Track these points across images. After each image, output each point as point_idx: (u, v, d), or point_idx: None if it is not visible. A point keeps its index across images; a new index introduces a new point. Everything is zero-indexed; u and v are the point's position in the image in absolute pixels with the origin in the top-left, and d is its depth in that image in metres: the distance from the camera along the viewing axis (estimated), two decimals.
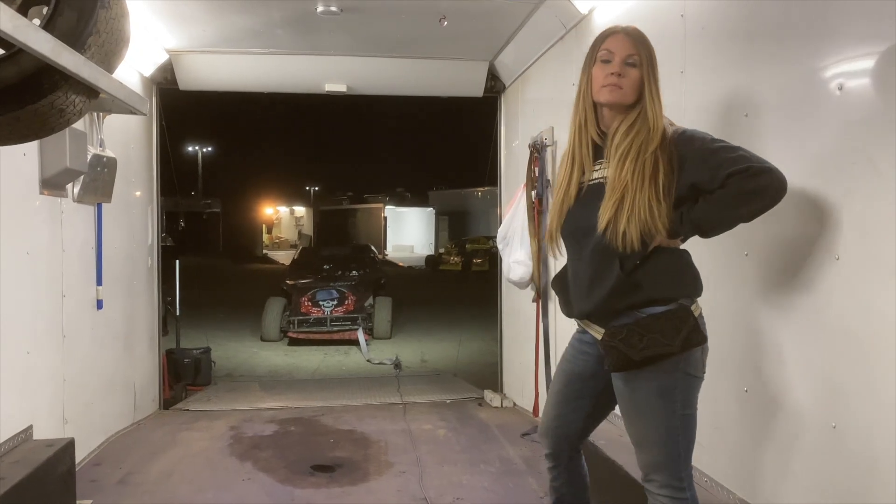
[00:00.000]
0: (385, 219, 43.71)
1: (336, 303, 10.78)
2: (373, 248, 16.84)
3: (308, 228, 51.55)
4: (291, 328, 10.56)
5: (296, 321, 10.54)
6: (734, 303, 2.65)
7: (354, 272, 12.58)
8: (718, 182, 1.99)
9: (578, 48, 4.31)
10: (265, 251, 42.57)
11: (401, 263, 32.91)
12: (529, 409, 5.48)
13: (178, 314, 7.16)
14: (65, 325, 4.04)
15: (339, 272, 12.48)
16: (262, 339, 10.65)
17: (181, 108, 7.79)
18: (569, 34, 4.53)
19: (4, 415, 3.26)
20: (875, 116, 2.01)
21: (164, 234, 6.74)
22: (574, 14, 4.31)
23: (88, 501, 3.74)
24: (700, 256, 2.22)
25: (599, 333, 2.17)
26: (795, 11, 2.36)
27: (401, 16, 4.93)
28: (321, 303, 10.76)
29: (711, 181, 2.01)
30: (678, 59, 3.01)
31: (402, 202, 50.03)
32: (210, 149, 45.78)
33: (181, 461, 4.50)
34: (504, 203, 6.21)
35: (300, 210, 54.91)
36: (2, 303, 3.27)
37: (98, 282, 4.56)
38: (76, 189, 4.18)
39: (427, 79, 6.20)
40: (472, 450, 4.72)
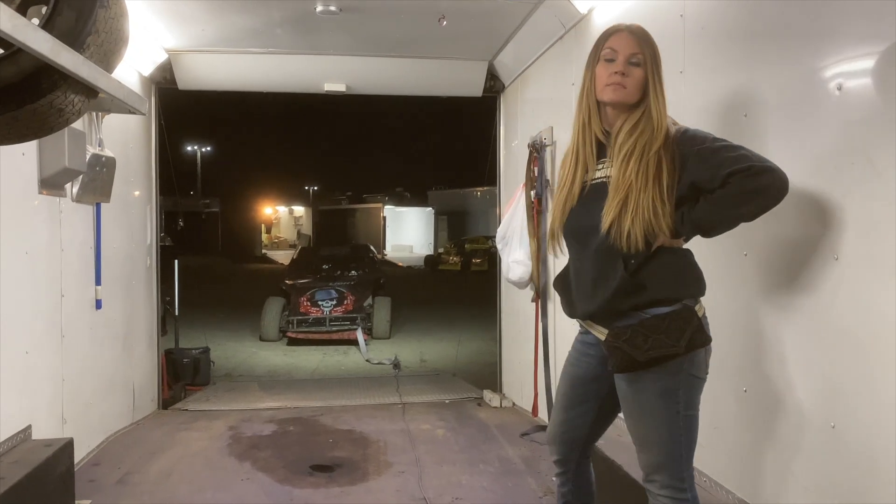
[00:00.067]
0: (384, 218, 43.73)
1: (335, 303, 10.78)
2: (372, 248, 16.81)
3: (307, 228, 51.59)
4: (290, 328, 10.55)
5: (295, 321, 10.53)
6: (733, 303, 2.65)
7: (353, 272, 12.57)
8: (719, 181, 1.97)
9: (578, 48, 4.31)
10: (264, 251, 42.62)
11: (400, 263, 32.91)
12: (529, 409, 5.48)
13: (177, 314, 7.16)
14: (64, 325, 4.03)
15: (338, 272, 12.47)
16: (261, 339, 10.65)
17: (180, 108, 7.79)
18: (568, 34, 4.53)
19: (3, 414, 3.25)
20: (874, 116, 2.01)
21: (163, 234, 6.73)
22: (573, 14, 4.31)
23: (87, 501, 3.74)
24: (699, 256, 2.22)
25: (602, 334, 2.16)
26: (795, 11, 2.36)
27: (400, 15, 4.93)
28: (320, 303, 10.75)
29: (712, 180, 1.99)
30: (677, 59, 3.01)
31: (402, 202, 50.04)
32: (209, 148, 45.75)
33: (180, 461, 4.50)
34: (503, 203, 6.21)
35: (299, 210, 54.91)
36: (1, 303, 3.27)
37: (97, 282, 4.56)
38: (75, 189, 4.18)
39: (426, 78, 6.20)
40: (472, 450, 4.72)
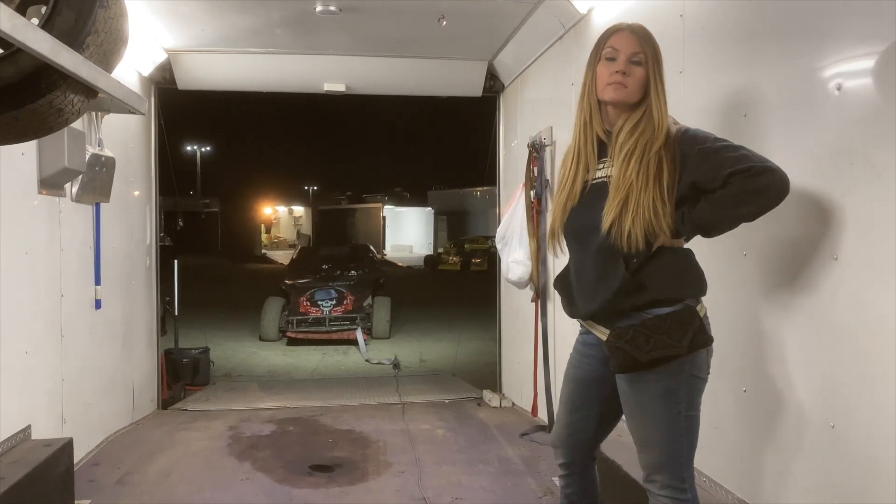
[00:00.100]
0: (384, 218, 43.72)
1: (335, 303, 10.78)
2: (371, 248, 16.82)
3: (307, 228, 51.57)
4: (290, 328, 10.55)
5: (294, 321, 10.53)
6: (733, 303, 2.65)
7: (353, 272, 12.57)
8: (720, 181, 1.97)
9: (577, 48, 4.31)
10: (264, 251, 42.60)
11: (399, 263, 32.90)
12: (528, 409, 5.48)
13: (177, 314, 7.16)
14: (63, 325, 4.03)
15: (338, 272, 12.47)
16: (261, 339, 10.65)
17: (180, 108, 7.79)
18: (568, 34, 4.53)
19: (3, 414, 3.25)
20: (873, 116, 2.01)
21: (163, 234, 6.73)
22: (573, 14, 4.31)
23: (87, 501, 3.73)
24: (699, 256, 2.21)
25: (604, 334, 2.15)
26: (794, 11, 2.36)
27: (400, 15, 4.93)
28: (320, 302, 10.75)
29: (713, 180, 1.99)
30: (677, 59, 3.01)
31: (401, 202, 50.04)
32: (209, 148, 45.79)
33: (179, 461, 4.50)
34: (503, 203, 6.21)
35: (299, 210, 54.90)
36: (0, 302, 3.27)
37: (96, 281, 4.55)
38: (74, 189, 4.18)
39: (426, 78, 6.20)
40: (471, 450, 4.72)
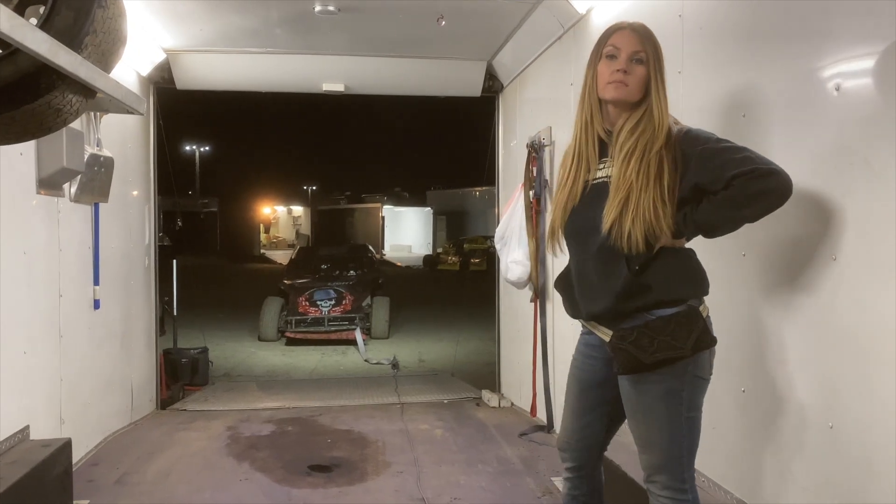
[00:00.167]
0: (383, 218, 43.72)
1: (334, 303, 10.77)
2: (370, 248, 16.81)
3: (306, 228, 51.57)
4: (289, 328, 10.54)
5: (293, 321, 10.53)
6: (732, 303, 2.65)
7: (352, 272, 12.56)
8: (722, 183, 1.96)
9: (576, 48, 4.31)
10: (262, 251, 42.58)
11: (398, 263, 32.90)
12: (527, 409, 5.48)
13: (176, 314, 7.15)
14: (62, 325, 4.03)
15: (337, 272, 12.47)
16: (260, 339, 10.65)
17: (178, 108, 7.78)
18: (567, 34, 4.53)
19: (1, 415, 3.25)
20: (872, 117, 2.01)
21: (162, 234, 6.72)
22: (572, 14, 4.31)
23: (86, 502, 3.73)
24: (698, 256, 2.21)
25: (606, 335, 2.14)
26: (792, 12, 2.36)
27: (399, 15, 4.93)
28: (319, 303, 10.75)
29: (715, 182, 1.98)
30: (676, 59, 3.00)
31: (400, 202, 50.05)
32: (207, 148, 45.77)
33: (178, 461, 4.49)
34: (502, 203, 6.21)
35: (298, 210, 54.89)
36: None
37: (95, 281, 4.55)
38: (73, 189, 4.17)
39: (425, 78, 6.20)
40: (470, 450, 4.72)
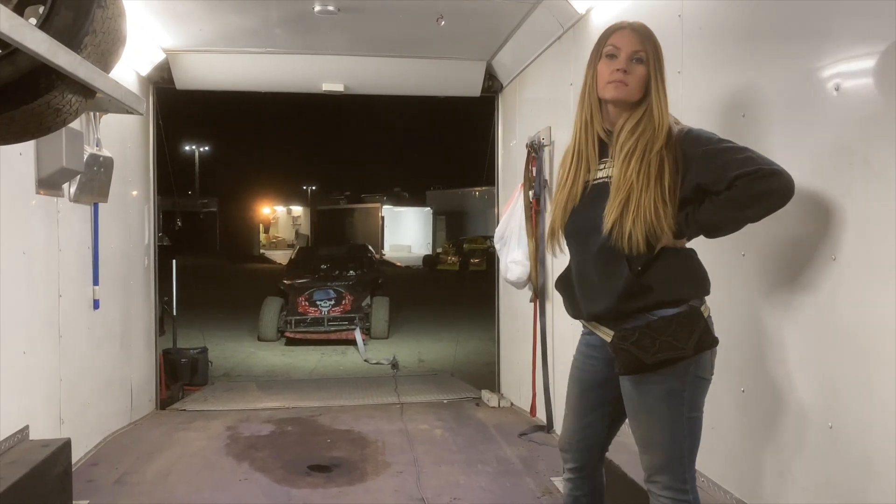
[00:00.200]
0: (382, 218, 43.70)
1: (333, 303, 10.77)
2: (370, 248, 16.80)
3: (305, 228, 51.55)
4: (289, 328, 10.54)
5: (293, 321, 10.53)
6: (731, 303, 2.65)
7: (352, 272, 12.56)
8: (725, 183, 1.95)
9: (576, 48, 4.31)
10: (262, 251, 42.56)
11: (398, 263, 32.89)
12: (527, 409, 5.48)
13: (175, 314, 7.15)
14: (61, 325, 4.03)
15: (337, 272, 12.46)
16: (260, 339, 10.64)
17: (178, 108, 7.78)
18: (566, 34, 4.53)
19: (1, 415, 3.25)
20: (872, 117, 2.01)
21: (161, 234, 6.71)
22: (572, 14, 4.31)
23: (85, 502, 3.73)
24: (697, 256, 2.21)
25: (608, 335, 2.13)
26: (792, 12, 2.36)
27: (398, 15, 4.93)
28: (318, 303, 10.74)
29: (718, 182, 1.97)
30: (675, 59, 3.00)
31: (400, 202, 50.03)
32: (207, 148, 45.77)
33: (178, 461, 4.49)
34: (501, 203, 6.21)
35: (297, 210, 54.88)
36: None
37: (95, 281, 4.55)
38: (72, 189, 4.17)
39: (424, 78, 6.19)
40: (470, 450, 4.72)
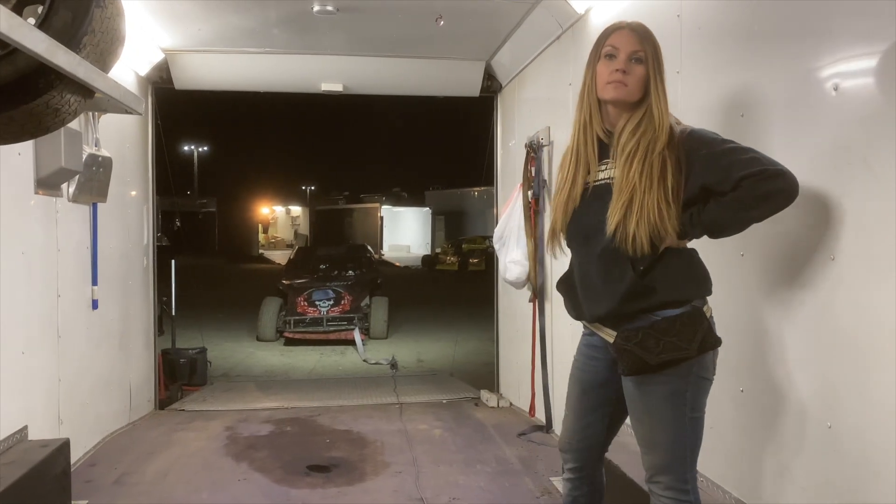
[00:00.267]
0: (381, 218, 43.67)
1: (332, 303, 10.77)
2: (369, 248, 16.79)
3: (304, 228, 51.51)
4: (288, 328, 10.54)
5: (292, 321, 10.53)
6: (730, 303, 2.65)
7: (351, 272, 12.56)
8: (731, 184, 1.95)
9: (575, 48, 4.31)
10: (261, 251, 42.53)
11: (397, 263, 32.89)
12: (526, 409, 5.48)
13: (174, 314, 7.15)
14: (60, 325, 4.02)
15: (336, 272, 12.46)
16: (259, 339, 10.64)
17: (177, 108, 7.77)
18: (565, 34, 4.53)
19: (0, 415, 3.24)
20: (871, 117, 2.01)
21: (160, 234, 6.73)
22: (570, 14, 4.31)
23: (84, 502, 3.73)
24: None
25: (610, 336, 2.13)
26: (791, 12, 2.36)
27: (397, 15, 4.93)
28: (317, 303, 10.74)
29: (723, 182, 1.97)
30: (674, 60, 3.00)
31: (399, 202, 49.99)
32: (206, 148, 45.80)
33: (177, 461, 4.49)
34: (500, 203, 6.21)
35: (296, 210, 54.84)
36: None
37: (93, 282, 4.55)
38: (71, 189, 4.17)
39: (423, 78, 6.19)
40: (469, 450, 4.72)
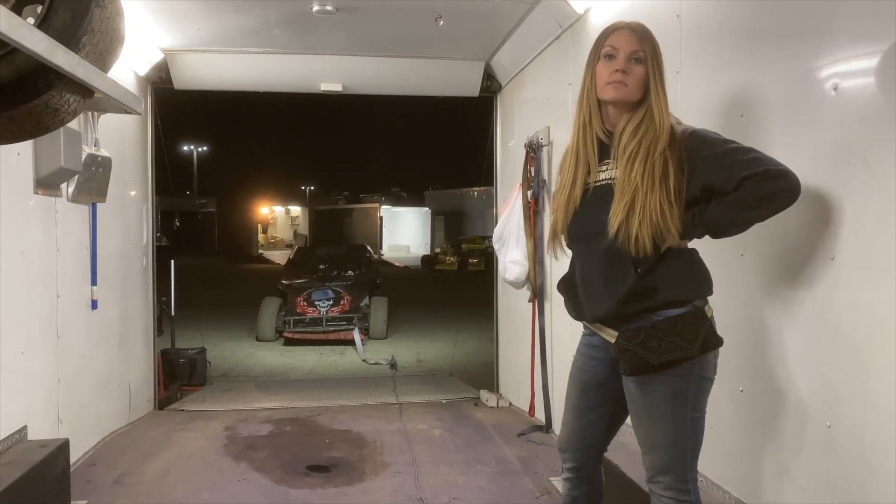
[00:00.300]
0: (381, 218, 43.69)
1: (332, 303, 10.77)
2: (369, 248, 16.77)
3: (304, 228, 51.51)
4: (287, 328, 10.53)
5: (291, 321, 10.52)
6: (730, 303, 2.65)
7: (350, 272, 12.55)
8: (733, 184, 1.95)
9: (574, 48, 4.31)
10: (261, 251, 42.53)
11: (397, 263, 32.88)
12: (525, 409, 5.48)
13: (174, 314, 7.15)
14: (59, 326, 4.02)
15: (335, 272, 12.45)
16: (258, 340, 10.63)
17: (176, 108, 7.78)
18: (565, 34, 4.53)
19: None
20: (870, 117, 2.01)
21: (160, 234, 6.73)
22: (570, 14, 4.31)
23: (84, 502, 3.73)
24: None
25: (612, 336, 2.13)
26: (791, 12, 2.37)
27: (397, 15, 4.93)
28: (317, 303, 10.73)
29: (726, 182, 1.97)
30: (674, 59, 3.00)
31: (398, 202, 49.99)
32: (205, 148, 45.84)
33: (176, 461, 4.49)
34: (500, 203, 6.21)
35: (296, 210, 54.83)
36: None
37: (93, 282, 4.54)
38: (71, 189, 4.16)
39: (423, 78, 6.19)
40: (468, 450, 4.72)
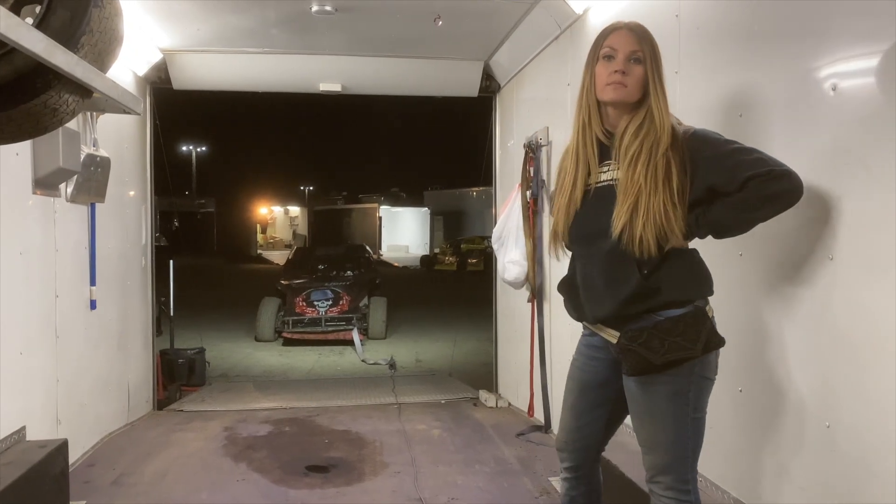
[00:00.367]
0: (380, 219, 43.70)
1: (331, 303, 10.77)
2: (368, 249, 16.79)
3: (303, 228, 51.53)
4: (286, 328, 10.53)
5: (290, 321, 10.52)
6: (729, 303, 2.64)
7: (349, 272, 12.56)
8: (737, 184, 1.95)
9: (573, 48, 4.32)
10: (259, 251, 42.53)
11: (396, 263, 32.88)
12: (524, 410, 5.48)
13: (173, 314, 7.14)
14: (58, 326, 4.02)
15: (334, 272, 12.46)
16: (257, 340, 10.63)
17: (175, 108, 7.78)
18: (564, 34, 4.54)
19: None
20: (869, 117, 2.01)
21: (158, 234, 6.72)
22: (569, 14, 4.31)
23: (82, 502, 3.73)
24: None
25: (613, 336, 2.13)
26: (790, 12, 2.37)
27: (396, 15, 4.93)
28: (316, 303, 10.74)
29: (729, 183, 1.97)
30: (673, 60, 3.00)
31: (397, 202, 50.01)
32: (204, 148, 45.80)
33: (175, 462, 4.48)
34: (499, 203, 6.21)
35: (295, 210, 54.86)
36: None
37: (92, 282, 4.54)
38: (69, 189, 4.16)
39: (422, 78, 6.19)
40: (467, 450, 4.72)
